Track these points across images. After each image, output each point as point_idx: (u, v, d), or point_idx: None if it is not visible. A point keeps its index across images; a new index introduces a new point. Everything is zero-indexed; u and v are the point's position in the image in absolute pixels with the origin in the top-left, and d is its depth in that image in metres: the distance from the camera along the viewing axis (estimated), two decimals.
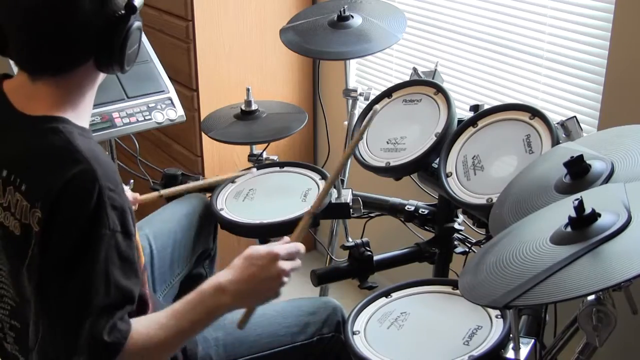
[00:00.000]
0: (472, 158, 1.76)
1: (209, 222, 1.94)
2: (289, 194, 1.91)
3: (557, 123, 1.69)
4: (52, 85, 1.26)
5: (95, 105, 2.01)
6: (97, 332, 1.16)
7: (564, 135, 1.67)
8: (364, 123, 1.48)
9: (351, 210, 1.83)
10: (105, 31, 1.24)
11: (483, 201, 1.66)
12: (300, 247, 1.38)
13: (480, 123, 1.80)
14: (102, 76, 1.33)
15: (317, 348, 1.64)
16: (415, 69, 2.07)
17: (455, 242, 1.99)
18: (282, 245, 1.35)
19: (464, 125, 1.81)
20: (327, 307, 1.69)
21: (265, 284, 1.32)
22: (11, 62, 2.00)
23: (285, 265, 1.33)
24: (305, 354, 1.64)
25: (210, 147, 2.82)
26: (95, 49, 1.25)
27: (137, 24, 1.28)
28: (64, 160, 1.19)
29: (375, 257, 1.85)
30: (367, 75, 2.85)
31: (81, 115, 1.30)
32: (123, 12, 1.25)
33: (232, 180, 2.00)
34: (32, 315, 1.27)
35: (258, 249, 1.33)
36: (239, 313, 1.40)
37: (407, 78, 2.08)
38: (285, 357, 1.62)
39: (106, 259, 1.18)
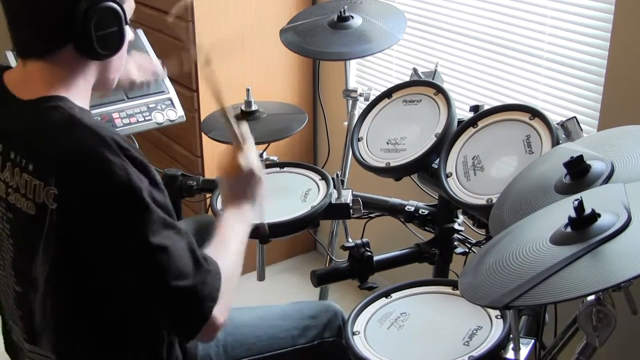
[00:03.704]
0: (472, 158, 1.76)
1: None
2: (289, 194, 1.91)
3: (557, 123, 1.69)
4: (42, 68, 1.27)
5: (95, 106, 2.02)
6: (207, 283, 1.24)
7: (564, 136, 1.67)
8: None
9: (351, 210, 1.83)
10: (72, 12, 1.23)
11: (483, 202, 1.66)
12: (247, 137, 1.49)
13: (481, 123, 1.80)
14: (94, 63, 1.31)
15: (317, 352, 1.64)
16: (415, 70, 2.07)
17: (455, 243, 1.99)
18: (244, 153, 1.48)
19: (464, 125, 1.81)
20: (329, 311, 1.69)
21: (244, 181, 1.47)
22: (11, 62, 2.01)
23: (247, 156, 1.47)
24: (306, 358, 1.64)
25: (210, 147, 2.82)
26: (67, 31, 1.24)
27: (106, 4, 1.25)
28: (68, 134, 1.20)
29: (375, 258, 1.85)
30: (367, 75, 2.85)
31: (77, 97, 1.29)
32: None
33: None
34: (38, 297, 1.27)
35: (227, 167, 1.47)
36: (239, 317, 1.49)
37: (407, 78, 2.08)
38: None
39: (155, 211, 1.19)
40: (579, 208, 1.12)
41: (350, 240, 1.90)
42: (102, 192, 1.17)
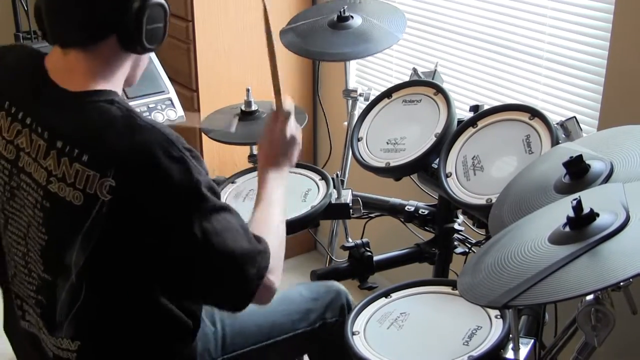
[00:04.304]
0: (472, 158, 1.76)
1: None
2: (289, 194, 1.89)
3: (557, 123, 1.69)
4: (84, 59, 1.29)
5: None
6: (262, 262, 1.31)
7: (563, 136, 1.67)
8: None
9: (351, 210, 1.83)
10: (123, 5, 1.27)
11: (483, 201, 1.66)
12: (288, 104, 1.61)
13: (480, 123, 1.80)
14: (131, 57, 1.34)
15: (320, 334, 1.62)
16: (415, 70, 2.07)
17: (455, 243, 1.99)
18: (281, 116, 1.59)
19: (463, 125, 1.81)
20: (331, 291, 1.68)
21: (286, 146, 1.60)
22: None
23: (290, 126, 1.59)
24: (309, 341, 1.63)
25: (210, 147, 2.82)
26: (115, 23, 1.28)
27: (156, 0, 1.30)
28: (131, 129, 1.22)
29: (375, 258, 1.86)
30: (367, 75, 2.85)
31: (117, 90, 1.32)
32: None
33: (232, 181, 2.00)
34: (67, 286, 1.27)
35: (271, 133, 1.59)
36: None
37: (407, 78, 2.08)
38: (287, 346, 1.61)
39: (211, 200, 1.25)
40: (578, 207, 1.12)
41: (350, 240, 1.90)
42: (165, 188, 1.21)
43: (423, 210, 2.00)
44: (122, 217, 1.21)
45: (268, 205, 1.49)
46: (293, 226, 1.81)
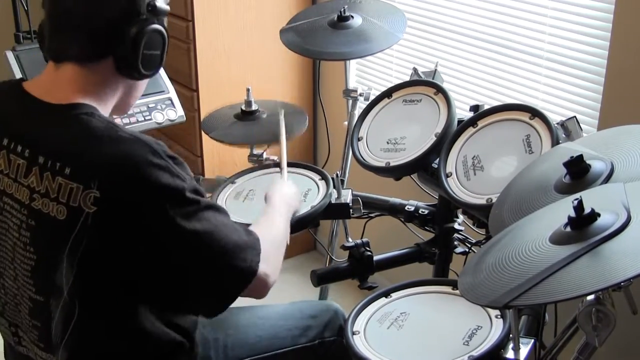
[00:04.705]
0: (472, 158, 1.76)
1: None
2: None
3: (557, 123, 1.69)
4: (77, 73, 1.28)
5: None
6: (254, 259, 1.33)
7: (563, 135, 1.67)
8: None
9: (351, 210, 1.83)
10: (120, 30, 1.26)
11: (483, 201, 1.66)
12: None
13: (480, 123, 1.80)
14: (125, 82, 1.34)
15: (318, 351, 1.64)
16: (415, 69, 2.07)
17: (455, 242, 1.99)
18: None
19: (463, 125, 1.81)
20: (329, 310, 1.69)
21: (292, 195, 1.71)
22: (11, 62, 2.01)
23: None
24: (306, 357, 1.64)
25: (210, 147, 2.82)
26: (112, 47, 1.27)
27: (154, 26, 1.29)
28: (112, 139, 1.22)
29: (375, 257, 1.85)
30: (367, 75, 2.85)
31: (103, 111, 1.31)
32: (145, 14, 1.28)
33: (232, 181, 2.00)
34: (60, 305, 1.26)
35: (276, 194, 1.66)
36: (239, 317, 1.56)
37: (407, 78, 2.08)
38: (286, 359, 1.63)
39: (198, 201, 1.25)
40: (579, 207, 1.12)
41: (350, 240, 1.90)
42: (150, 196, 1.20)
43: (423, 210, 2.00)
44: (109, 228, 1.20)
45: (271, 213, 1.56)
46: (293, 226, 1.81)
